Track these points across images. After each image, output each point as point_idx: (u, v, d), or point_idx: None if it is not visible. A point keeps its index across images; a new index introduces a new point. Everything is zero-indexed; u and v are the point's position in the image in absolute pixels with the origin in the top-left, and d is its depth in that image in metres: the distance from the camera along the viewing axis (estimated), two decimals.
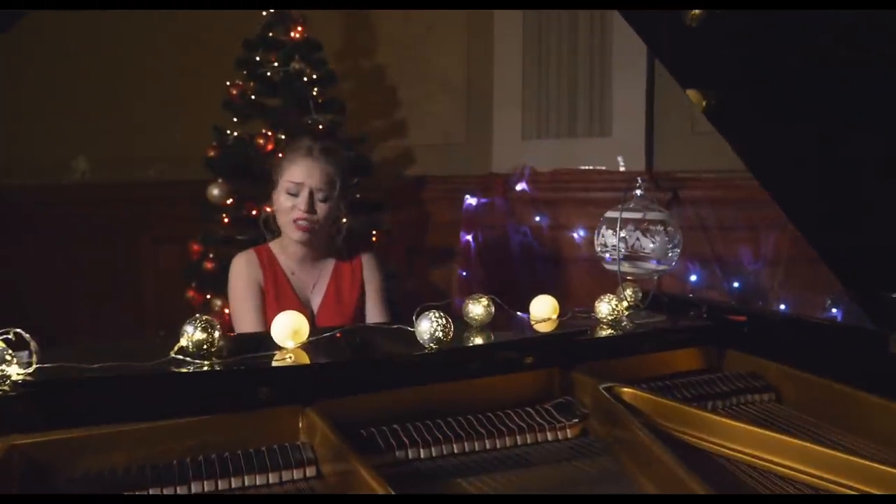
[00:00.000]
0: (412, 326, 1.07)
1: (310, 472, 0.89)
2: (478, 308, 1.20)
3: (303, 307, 1.86)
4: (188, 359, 0.95)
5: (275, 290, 1.86)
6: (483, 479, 0.92)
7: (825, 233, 1.30)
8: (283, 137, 2.70)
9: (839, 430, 1.07)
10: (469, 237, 3.19)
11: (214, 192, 2.67)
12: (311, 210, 1.81)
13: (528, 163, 3.10)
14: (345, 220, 2.33)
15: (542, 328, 1.28)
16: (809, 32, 1.02)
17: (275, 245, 1.94)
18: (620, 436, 0.99)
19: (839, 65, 1.03)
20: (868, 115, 1.06)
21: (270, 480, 0.87)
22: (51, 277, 4.50)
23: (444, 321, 1.03)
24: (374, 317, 1.93)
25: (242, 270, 1.87)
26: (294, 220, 1.81)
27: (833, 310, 2.63)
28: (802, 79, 1.10)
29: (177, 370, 0.93)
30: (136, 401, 0.90)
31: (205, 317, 0.98)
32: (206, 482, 0.85)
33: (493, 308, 1.21)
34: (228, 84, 2.85)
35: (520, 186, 3.10)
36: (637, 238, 1.46)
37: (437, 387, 1.04)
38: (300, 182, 1.80)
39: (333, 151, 1.90)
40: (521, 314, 1.38)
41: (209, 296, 2.83)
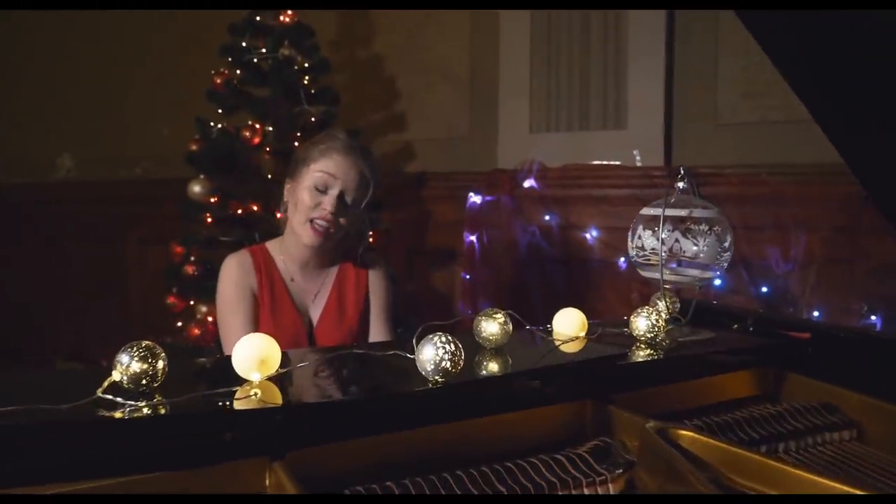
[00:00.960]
0: (412, 352, 0.85)
1: None
2: (492, 326, 0.98)
3: (300, 319, 1.65)
4: (120, 399, 0.73)
5: (270, 299, 1.63)
6: None
7: None
8: (271, 129, 2.48)
9: None
10: (473, 238, 2.96)
11: (196, 189, 2.45)
12: (337, 213, 1.57)
13: (537, 158, 2.88)
14: (370, 234, 2.08)
15: (570, 350, 1.06)
16: None
17: (273, 246, 1.70)
18: (680, 493, 0.77)
19: None
20: None
21: None
22: (34, 278, 4.34)
23: (453, 348, 0.81)
24: (377, 335, 1.71)
25: (234, 274, 1.63)
26: (312, 221, 1.57)
27: (872, 317, 2.41)
28: None
29: (101, 414, 0.71)
30: (41, 457, 0.68)
31: (145, 343, 0.76)
32: None
33: (511, 325, 0.99)
34: (213, 73, 2.64)
35: (528, 183, 2.88)
36: (676, 240, 1.23)
37: (443, 429, 0.82)
38: (333, 175, 1.56)
39: (367, 152, 1.66)
40: (539, 328, 1.16)
41: (192, 301, 2.61)
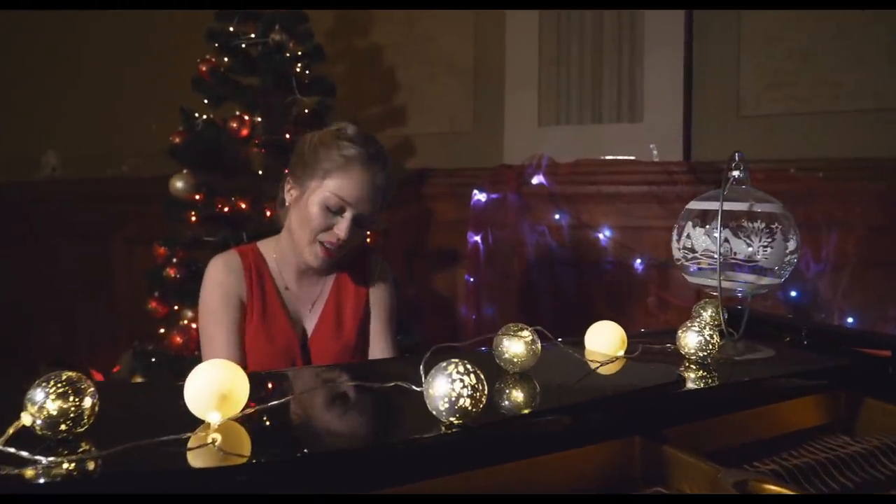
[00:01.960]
0: (417, 381, 0.66)
1: None
2: (516, 345, 0.79)
3: (293, 330, 1.46)
4: (26, 453, 0.54)
5: (261, 307, 1.44)
6: None
7: None
8: (261, 121, 2.30)
9: None
10: (477, 238, 2.78)
11: (178, 185, 2.26)
12: (351, 236, 1.40)
13: (546, 153, 2.70)
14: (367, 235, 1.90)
15: (611, 373, 0.87)
16: None
17: (266, 246, 1.50)
18: None
19: None
20: None
21: None
22: (19, 278, 4.17)
23: (474, 381, 0.62)
24: (378, 350, 1.52)
25: (220, 277, 1.43)
26: (322, 244, 1.39)
27: None
28: None
29: None
30: None
31: (66, 374, 0.58)
32: None
33: (539, 344, 0.81)
34: (199, 61, 2.45)
35: (536, 180, 2.69)
36: (726, 239, 1.05)
37: (455, 481, 0.64)
38: (351, 199, 1.36)
39: (386, 159, 1.44)
40: (567, 340, 0.98)
41: (176, 307, 2.42)
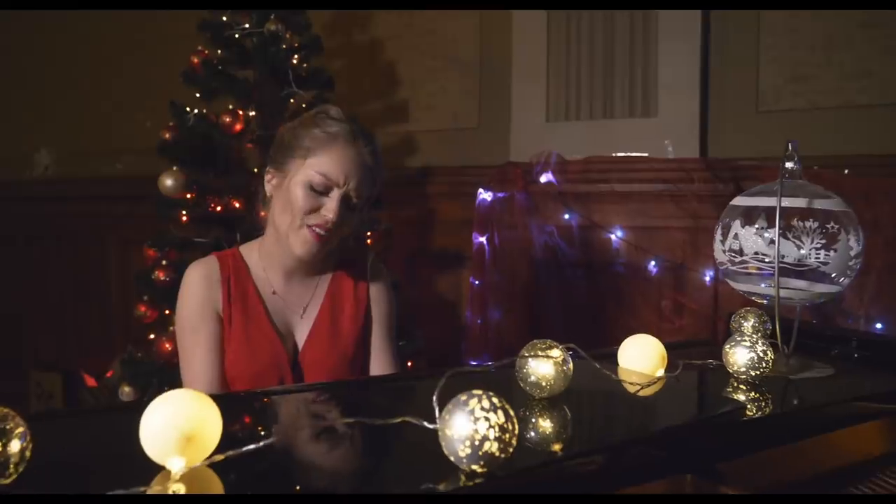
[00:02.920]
0: (428, 415, 0.54)
1: None
2: (544, 367, 0.67)
3: (281, 342, 1.32)
4: None
5: (242, 318, 1.30)
6: None
7: None
8: (255, 115, 2.18)
9: None
10: (482, 239, 2.65)
11: (168, 183, 2.14)
12: (341, 219, 1.27)
13: (555, 149, 2.57)
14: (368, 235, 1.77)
15: (654, 398, 0.75)
16: None
17: (249, 250, 1.37)
18: None
19: None
20: None
21: None
22: (10, 281, 4.07)
23: (502, 419, 0.50)
24: (379, 364, 1.39)
25: (196, 287, 1.30)
26: (311, 228, 1.26)
27: None
28: None
29: None
30: None
31: None
32: None
33: (571, 365, 0.68)
34: (191, 53, 2.33)
35: (544, 178, 2.57)
36: (772, 240, 0.93)
37: None
38: (335, 177, 1.25)
39: (372, 138, 1.33)
40: (593, 355, 0.85)
41: (167, 311, 2.30)
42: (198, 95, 2.30)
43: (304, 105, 2.33)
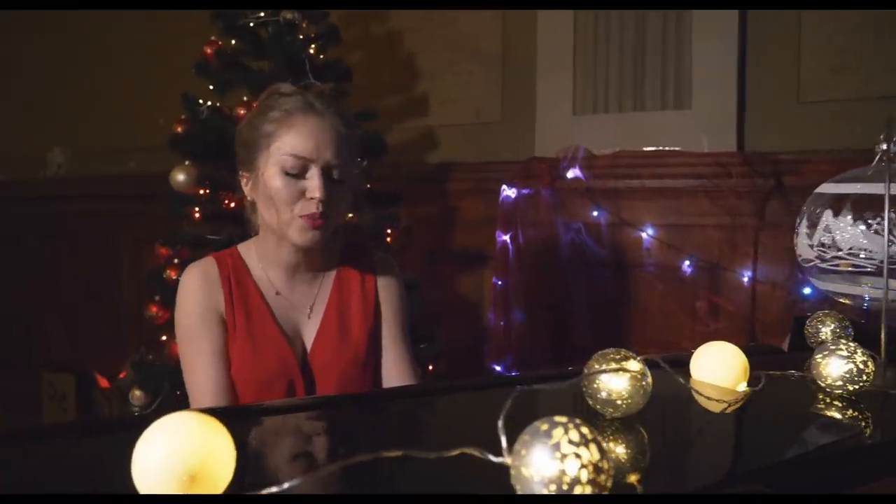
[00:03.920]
0: (491, 445, 0.43)
1: None
2: (619, 382, 0.56)
3: (288, 345, 1.23)
4: None
5: (245, 322, 1.21)
6: None
7: None
8: None
9: None
10: (506, 237, 2.54)
11: (180, 178, 2.05)
12: (330, 197, 1.16)
13: (582, 144, 2.46)
14: (351, 215, 1.72)
15: (745, 419, 0.64)
16: None
17: (248, 248, 1.28)
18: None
19: None
20: None
21: None
22: (23, 281, 4.02)
23: (596, 457, 0.39)
24: (393, 362, 1.29)
25: (193, 291, 1.22)
26: (303, 217, 1.16)
27: None
28: None
29: None
30: None
31: None
32: None
33: (650, 378, 0.57)
34: (204, 43, 2.24)
35: (571, 173, 2.45)
36: (859, 233, 0.81)
37: None
38: (307, 155, 1.15)
39: (336, 103, 1.27)
40: (665, 359, 0.74)
41: None
42: (211, 88, 2.21)
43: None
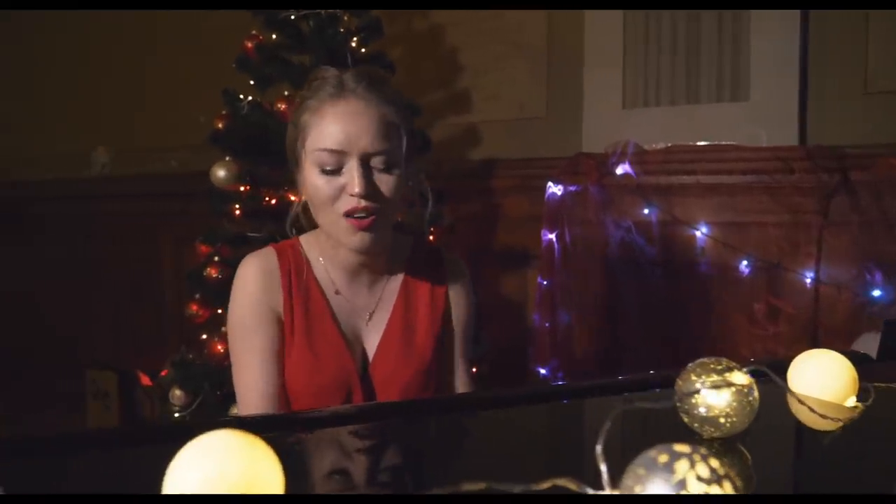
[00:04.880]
0: (595, 482, 0.36)
1: None
2: (723, 397, 0.48)
3: (349, 350, 1.13)
4: None
5: (304, 322, 1.12)
6: None
7: None
8: None
9: None
10: (552, 236, 2.46)
11: (220, 175, 2.01)
12: (371, 191, 1.05)
13: (632, 138, 2.36)
14: (427, 201, 1.55)
15: (863, 436, 0.55)
16: None
17: (310, 241, 1.18)
18: None
19: None
20: None
21: None
22: (69, 278, 4.07)
23: (729, 493, 0.31)
24: (462, 379, 1.22)
25: (250, 285, 1.12)
26: (346, 216, 1.05)
27: None
28: None
29: None
30: None
31: None
32: None
33: (757, 393, 0.49)
34: (245, 37, 2.21)
35: (620, 169, 2.35)
36: None
37: None
38: (340, 148, 1.04)
39: (380, 81, 1.11)
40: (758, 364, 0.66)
41: (220, 310, 2.18)
42: (252, 83, 2.17)
43: None
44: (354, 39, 2.13)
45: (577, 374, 2.42)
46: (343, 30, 2.13)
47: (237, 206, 2.06)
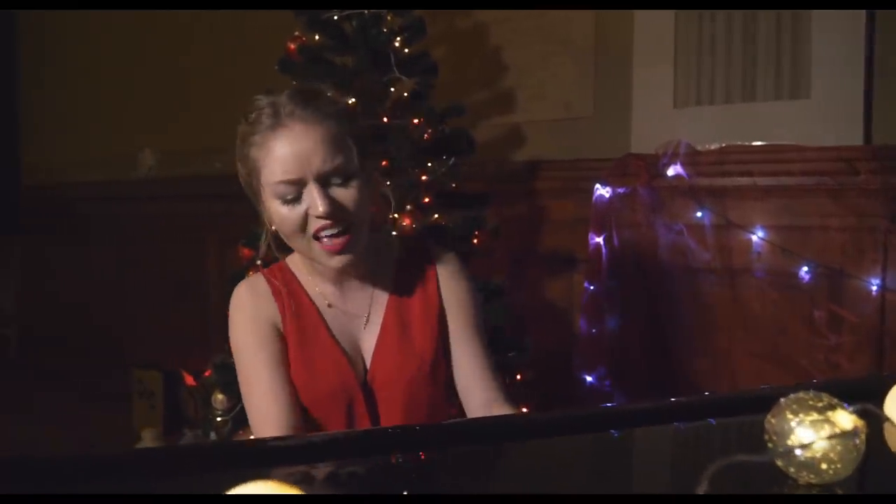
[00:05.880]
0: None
1: None
2: (823, 441, 0.41)
3: (347, 358, 1.14)
4: None
5: (298, 336, 1.13)
6: None
7: None
8: (354, 103, 2.00)
9: None
10: (599, 239, 2.38)
11: None
12: (336, 208, 1.05)
13: (684, 138, 2.27)
14: (390, 202, 1.55)
15: None
16: None
17: (295, 262, 1.19)
18: None
19: None
20: None
21: None
22: (116, 279, 4.14)
23: None
24: (467, 364, 1.17)
25: (246, 307, 1.14)
26: (317, 239, 1.06)
27: None
28: None
29: None
30: None
31: None
32: None
33: (864, 435, 0.43)
34: (288, 39, 2.19)
35: (672, 171, 2.27)
36: None
37: None
38: (294, 177, 1.03)
39: (313, 97, 1.10)
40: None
41: None
42: (294, 84, 2.15)
43: (406, 93, 2.15)
44: (398, 39, 2.09)
45: (626, 384, 2.34)
46: (386, 30, 2.10)
47: None
